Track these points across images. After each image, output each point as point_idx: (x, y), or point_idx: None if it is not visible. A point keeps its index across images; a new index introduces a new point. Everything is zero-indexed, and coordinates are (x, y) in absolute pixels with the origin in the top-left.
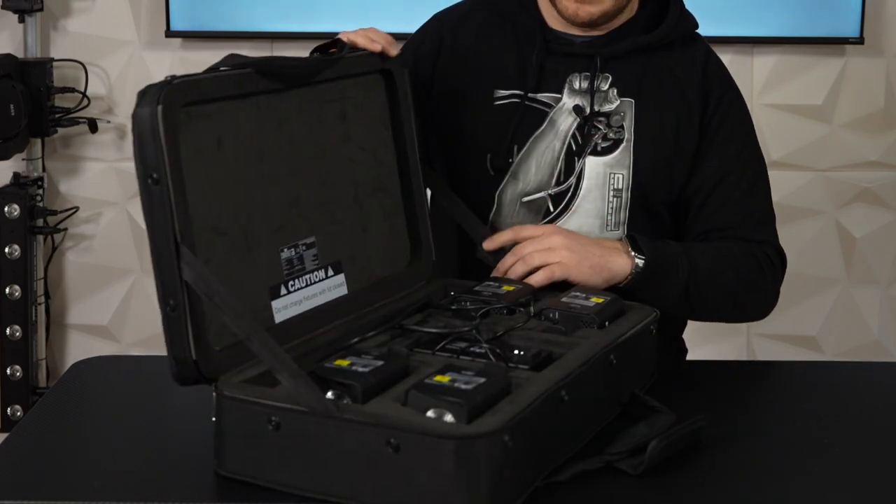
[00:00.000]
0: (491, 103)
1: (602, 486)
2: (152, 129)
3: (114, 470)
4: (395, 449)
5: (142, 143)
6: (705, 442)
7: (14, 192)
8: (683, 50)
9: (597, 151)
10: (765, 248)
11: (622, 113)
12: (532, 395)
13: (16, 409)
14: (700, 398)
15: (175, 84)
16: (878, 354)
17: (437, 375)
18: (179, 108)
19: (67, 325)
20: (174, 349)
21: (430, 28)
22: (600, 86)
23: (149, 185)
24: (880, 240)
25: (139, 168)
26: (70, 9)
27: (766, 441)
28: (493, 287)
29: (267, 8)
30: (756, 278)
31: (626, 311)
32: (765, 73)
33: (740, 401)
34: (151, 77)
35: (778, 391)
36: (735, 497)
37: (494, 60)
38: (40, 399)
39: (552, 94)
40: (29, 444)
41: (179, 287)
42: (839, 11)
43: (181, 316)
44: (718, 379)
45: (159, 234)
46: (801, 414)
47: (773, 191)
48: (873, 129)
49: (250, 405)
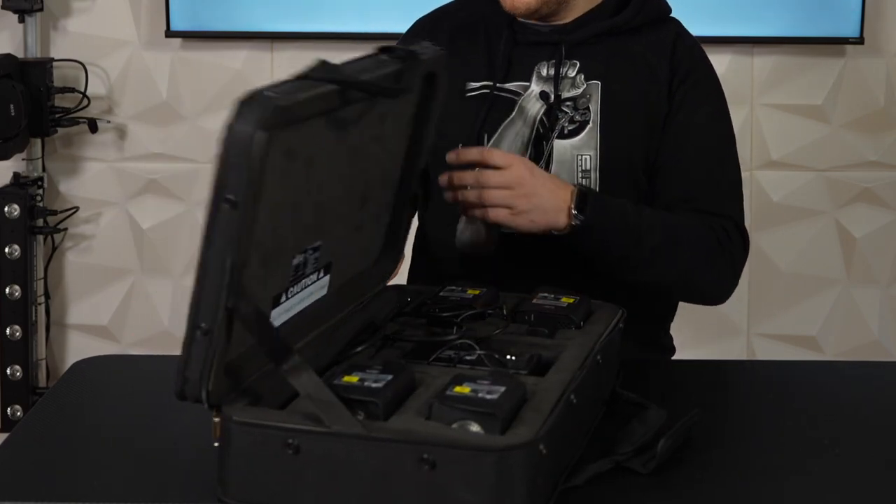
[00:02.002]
0: (463, 95)
1: (615, 485)
2: (246, 153)
3: (113, 470)
4: (430, 465)
5: (229, 162)
6: (706, 439)
7: (14, 192)
8: (653, 33)
9: (563, 135)
10: (724, 222)
11: (588, 96)
12: (551, 401)
13: (16, 409)
14: (701, 397)
15: (279, 107)
16: (878, 354)
17: (456, 386)
18: (277, 133)
19: (67, 325)
20: (188, 369)
21: (409, 33)
22: (567, 72)
23: (222, 205)
24: (880, 240)
25: (216, 185)
26: (70, 9)
27: (765, 439)
28: (458, 292)
29: (267, 8)
30: (712, 255)
31: (595, 309)
32: (765, 72)
33: (740, 399)
34: (151, 77)
35: (778, 390)
36: (739, 492)
37: (467, 56)
38: (40, 399)
39: (521, 82)
40: (29, 444)
41: (219, 314)
42: (839, 11)
43: (210, 342)
44: (719, 377)
45: (214, 256)
46: (801, 413)
47: (774, 191)
48: (873, 128)
49: (264, 429)
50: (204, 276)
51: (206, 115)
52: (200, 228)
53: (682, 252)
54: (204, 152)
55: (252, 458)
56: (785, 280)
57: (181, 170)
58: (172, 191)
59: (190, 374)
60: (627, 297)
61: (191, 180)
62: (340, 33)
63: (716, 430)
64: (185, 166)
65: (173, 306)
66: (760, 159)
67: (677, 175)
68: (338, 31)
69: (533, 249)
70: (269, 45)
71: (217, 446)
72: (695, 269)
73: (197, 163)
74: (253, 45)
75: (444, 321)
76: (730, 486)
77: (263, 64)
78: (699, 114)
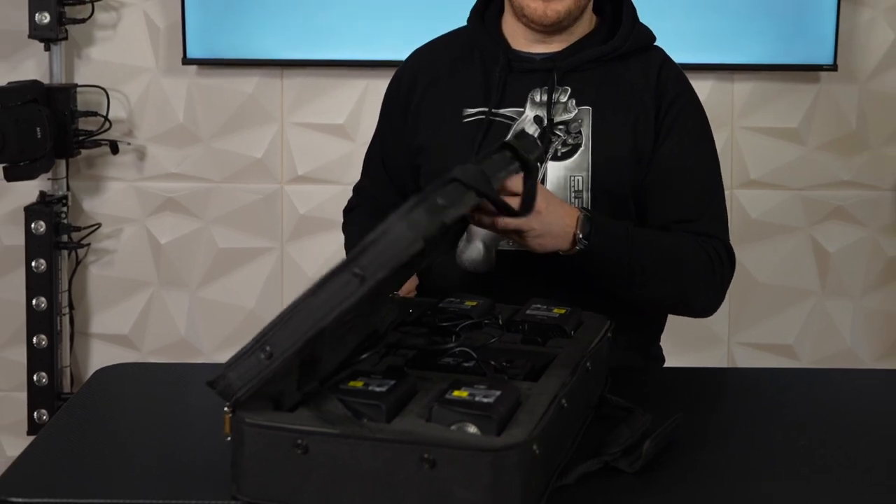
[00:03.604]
0: (460, 121)
1: (603, 484)
2: (398, 250)
3: (133, 469)
4: (431, 464)
5: (378, 245)
6: (689, 442)
7: (40, 209)
8: (639, 60)
9: (557, 157)
10: (716, 244)
11: (580, 120)
12: (544, 405)
13: (42, 414)
14: (684, 402)
15: (445, 224)
16: (851, 362)
17: (455, 391)
18: (429, 244)
19: (90, 335)
20: (232, 371)
21: (408, 63)
22: (560, 98)
23: (347, 273)
24: (852, 254)
25: (353, 256)
26: (93, 38)
27: (745, 441)
28: (456, 303)
29: (277, 37)
30: (704, 273)
31: (584, 320)
32: (744, 98)
33: (721, 404)
34: (169, 102)
35: (757, 396)
36: (720, 491)
37: (463, 84)
38: (65, 404)
39: (516, 108)
40: (54, 446)
41: (288, 352)
42: (814, 40)
43: (265, 366)
44: (702, 384)
45: (314, 308)
46: (778, 417)
47: (752, 209)
48: (846, 150)
49: (275, 431)
50: (294, 315)
51: (221, 138)
52: (215, 244)
53: (678, 272)
54: (218, 172)
55: (263, 457)
56: (763, 292)
57: (197, 189)
58: (189, 208)
59: (232, 377)
60: (622, 311)
61: (206, 198)
62: (345, 61)
63: (698, 432)
64: (201, 185)
65: (189, 316)
66: (740, 179)
67: (671, 199)
68: (343, 58)
69: (527, 265)
70: (280, 72)
71: (231, 447)
72: (689, 288)
73: (211, 182)
74: (264, 72)
75: (444, 330)
76: (711, 484)
77: (274, 90)
78: (687, 141)
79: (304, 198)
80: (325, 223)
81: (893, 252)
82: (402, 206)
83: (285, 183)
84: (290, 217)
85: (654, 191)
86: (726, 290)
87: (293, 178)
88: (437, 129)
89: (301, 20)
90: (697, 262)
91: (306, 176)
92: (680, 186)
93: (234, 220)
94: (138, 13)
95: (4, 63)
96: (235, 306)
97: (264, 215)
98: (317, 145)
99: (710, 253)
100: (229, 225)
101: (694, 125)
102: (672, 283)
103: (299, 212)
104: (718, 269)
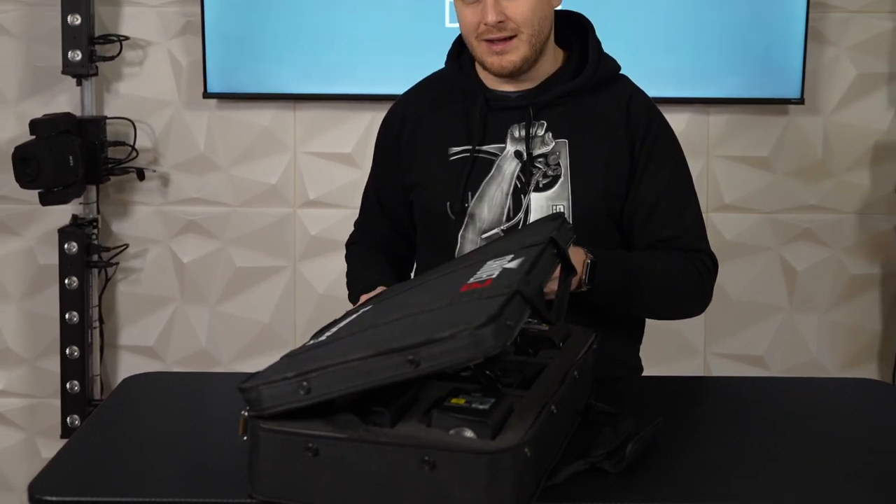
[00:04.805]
0: (447, 159)
1: (589, 483)
2: (465, 353)
3: (157, 469)
4: (431, 466)
5: (441, 345)
6: (668, 445)
7: (73, 231)
8: (608, 91)
9: (539, 188)
10: (701, 256)
11: (558, 153)
12: (535, 411)
13: (74, 419)
14: (664, 408)
15: (510, 340)
16: (816, 371)
17: (453, 398)
18: None
19: (118, 346)
20: (266, 389)
21: (395, 108)
22: (537, 132)
23: (403, 357)
24: (818, 273)
25: (414, 344)
26: (121, 74)
27: (720, 444)
28: None
29: (290, 73)
30: (695, 281)
31: (572, 333)
32: (719, 129)
33: (698, 410)
34: (191, 132)
35: (731, 402)
36: (697, 489)
37: (447, 123)
38: (95, 409)
39: (497, 144)
40: (85, 448)
41: (324, 395)
42: (783, 76)
43: (303, 401)
44: (680, 391)
45: (361, 372)
46: (751, 421)
47: (726, 230)
48: (812, 177)
49: (288, 435)
50: (343, 367)
51: (238, 165)
52: (233, 263)
53: (672, 289)
54: (236, 197)
55: (277, 460)
56: (737, 307)
57: (216, 212)
58: (209, 230)
59: (265, 393)
60: (604, 325)
61: (224, 221)
62: (352, 95)
63: (677, 436)
64: (220, 209)
65: (209, 329)
66: (715, 203)
67: (656, 220)
68: (350, 92)
69: None
70: (292, 106)
71: (247, 450)
72: (680, 300)
73: (230, 206)
74: (278, 105)
75: None
76: (689, 483)
77: (287, 121)
78: (665, 166)
79: (315, 220)
80: (334, 244)
81: (856, 270)
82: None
83: (297, 207)
84: (301, 238)
85: (641, 214)
86: (712, 291)
87: (305, 202)
88: (426, 167)
89: (312, 58)
90: (687, 278)
91: (317, 200)
92: (663, 208)
93: (251, 241)
94: (163, 51)
95: (40, 97)
96: (252, 320)
97: (278, 237)
98: (326, 172)
99: (697, 265)
100: (246, 246)
101: (668, 150)
102: (667, 299)
103: (310, 233)
104: (705, 278)
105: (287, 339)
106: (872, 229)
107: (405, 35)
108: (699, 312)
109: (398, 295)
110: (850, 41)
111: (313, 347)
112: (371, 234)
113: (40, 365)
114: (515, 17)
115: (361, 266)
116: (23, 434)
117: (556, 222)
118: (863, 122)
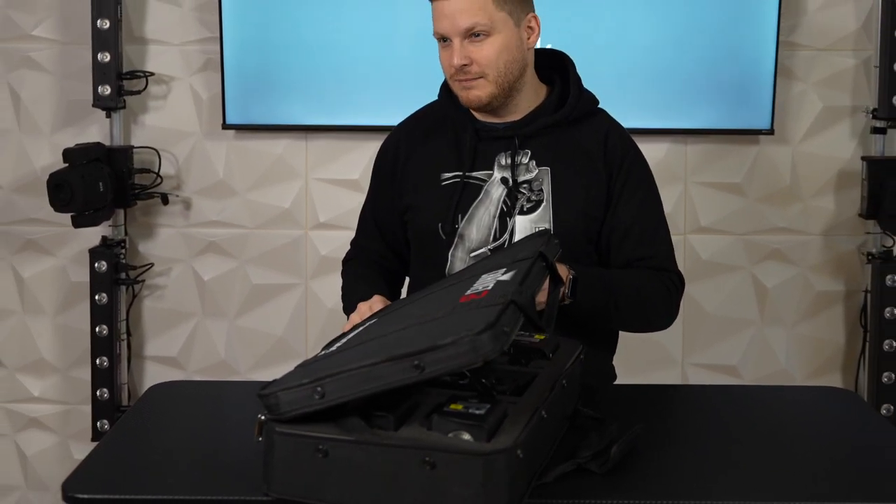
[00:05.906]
0: (439, 184)
1: (576, 483)
2: (467, 357)
3: (180, 470)
4: (431, 466)
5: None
6: (649, 447)
7: (102, 251)
8: (587, 124)
9: (523, 211)
10: (671, 275)
11: (541, 179)
12: (527, 416)
13: (103, 423)
14: (645, 413)
15: (506, 345)
16: (785, 380)
17: (452, 404)
18: None
19: (144, 357)
20: (284, 395)
21: (391, 137)
22: (522, 160)
23: (409, 363)
24: (787, 290)
25: (419, 350)
26: (147, 107)
27: (697, 447)
28: None
29: (302, 106)
30: (665, 298)
31: (561, 344)
32: (695, 157)
33: (677, 416)
34: (211, 160)
35: (707, 408)
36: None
37: (439, 151)
38: (123, 415)
39: (485, 171)
40: (114, 450)
41: (338, 402)
42: (754, 108)
43: (318, 405)
44: (660, 398)
45: (371, 378)
46: (725, 426)
47: (703, 251)
48: (781, 202)
49: (300, 438)
50: (355, 374)
51: (254, 191)
52: (249, 280)
53: (645, 306)
54: (252, 220)
55: (290, 460)
56: (712, 321)
57: (234, 234)
58: (228, 250)
59: (283, 398)
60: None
61: (242, 242)
62: (359, 126)
63: (657, 439)
64: (238, 231)
65: (228, 342)
66: (692, 226)
67: (630, 242)
68: (358, 124)
69: None
70: (304, 136)
71: (262, 451)
72: (651, 316)
73: (247, 228)
74: (291, 136)
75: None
76: (668, 483)
77: (300, 150)
78: (639, 194)
79: (325, 241)
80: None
81: (821, 287)
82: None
83: (309, 229)
84: (312, 258)
85: (616, 235)
86: (679, 308)
87: (315, 224)
88: (420, 191)
89: (322, 93)
90: (658, 296)
91: (327, 223)
92: (637, 231)
93: (266, 261)
94: (185, 86)
95: (72, 128)
96: (267, 333)
97: (291, 256)
98: (335, 197)
99: (668, 284)
100: (262, 264)
101: (641, 179)
102: (640, 314)
103: (321, 253)
104: (674, 295)
105: (299, 351)
106: (837, 249)
107: (406, 72)
108: (667, 326)
109: (402, 308)
110: (817, 77)
111: (326, 356)
112: (367, 252)
113: (73, 374)
114: (480, 61)
115: (356, 280)
116: (56, 438)
117: (543, 238)
118: (828, 151)
